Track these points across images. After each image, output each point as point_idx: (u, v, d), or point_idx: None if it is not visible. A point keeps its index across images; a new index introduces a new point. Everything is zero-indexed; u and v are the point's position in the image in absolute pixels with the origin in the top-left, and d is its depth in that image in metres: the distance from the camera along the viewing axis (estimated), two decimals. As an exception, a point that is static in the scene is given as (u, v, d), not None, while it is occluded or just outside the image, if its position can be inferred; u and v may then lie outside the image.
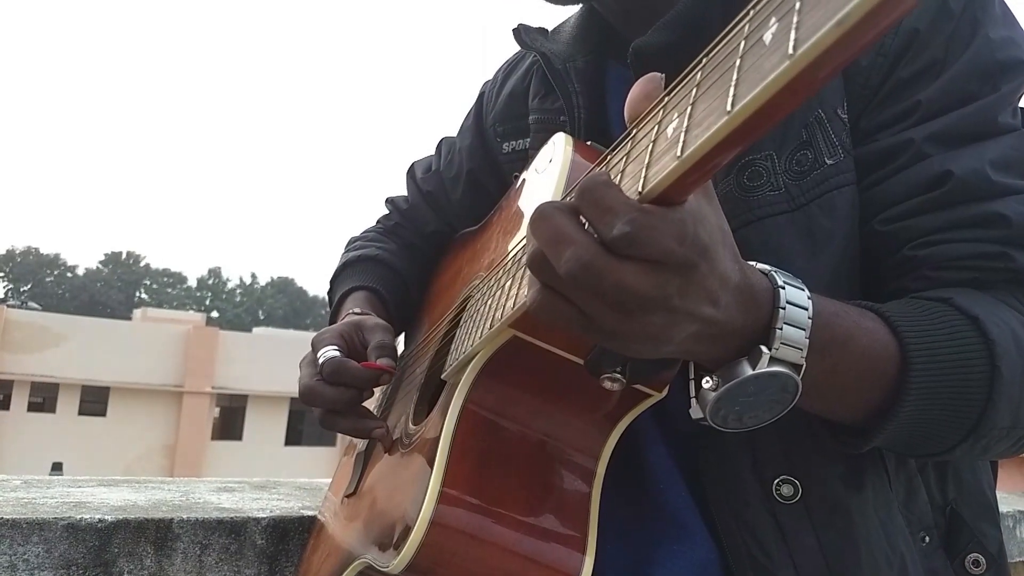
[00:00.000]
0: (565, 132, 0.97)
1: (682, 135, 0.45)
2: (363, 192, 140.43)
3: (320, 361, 0.95)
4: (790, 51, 0.37)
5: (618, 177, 0.54)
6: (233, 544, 1.20)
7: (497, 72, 1.24)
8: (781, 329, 0.57)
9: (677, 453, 0.84)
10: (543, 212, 0.53)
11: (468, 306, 0.85)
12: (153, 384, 24.18)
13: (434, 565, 0.69)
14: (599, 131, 0.95)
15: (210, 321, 42.56)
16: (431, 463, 0.73)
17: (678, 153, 0.45)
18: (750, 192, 0.81)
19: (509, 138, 1.13)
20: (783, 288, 0.59)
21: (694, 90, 0.46)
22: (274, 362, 25.58)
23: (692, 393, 0.61)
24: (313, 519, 1.25)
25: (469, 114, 1.27)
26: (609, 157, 0.59)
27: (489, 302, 0.74)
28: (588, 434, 0.76)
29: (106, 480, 1.44)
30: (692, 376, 0.62)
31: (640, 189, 0.49)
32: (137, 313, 35.05)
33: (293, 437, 26.95)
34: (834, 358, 0.64)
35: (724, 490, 0.80)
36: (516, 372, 0.74)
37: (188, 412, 24.37)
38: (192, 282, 75.30)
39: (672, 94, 0.50)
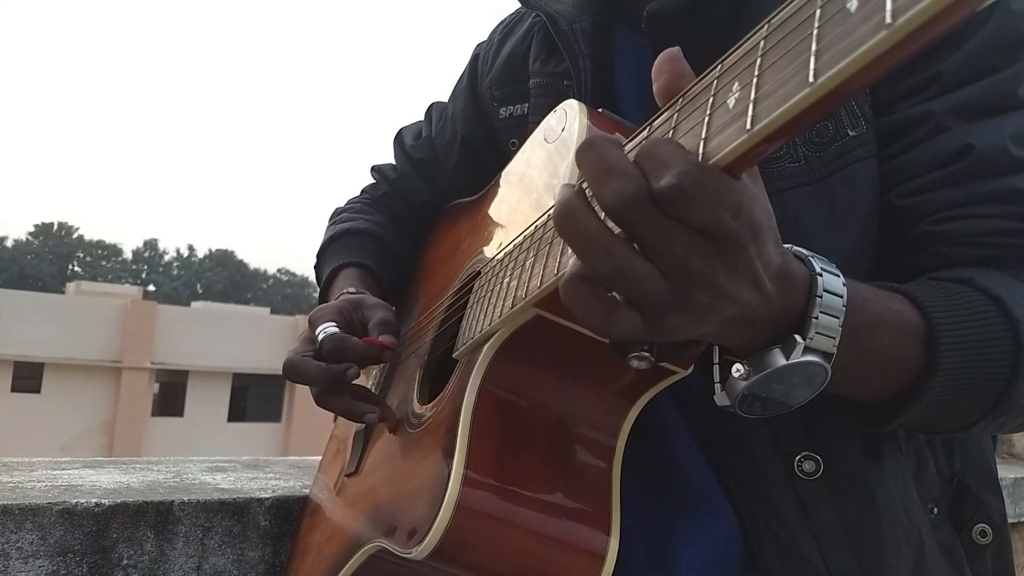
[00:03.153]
0: (571, 97, 0.94)
1: (749, 106, 0.43)
2: (308, 161, 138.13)
3: (320, 337, 0.91)
4: (888, 20, 0.35)
5: None
6: (236, 526, 1.15)
7: (493, 33, 1.19)
8: (817, 318, 0.56)
9: (695, 428, 0.83)
10: (591, 142, 0.50)
11: (479, 283, 0.82)
12: (90, 360, 23.53)
13: (459, 550, 0.67)
14: (606, 96, 0.92)
15: (147, 295, 41.45)
16: (450, 445, 0.70)
17: (747, 126, 0.42)
18: (769, 164, 0.78)
19: (507, 103, 1.09)
20: (820, 275, 0.57)
21: (758, 59, 0.44)
22: (215, 337, 25.16)
23: (716, 379, 0.59)
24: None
25: (462, 77, 1.22)
26: (646, 130, 0.56)
27: (507, 279, 0.72)
28: (607, 411, 0.74)
29: (90, 461, 1.37)
30: (717, 360, 0.60)
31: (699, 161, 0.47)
32: (71, 287, 33.94)
33: (236, 413, 26.56)
34: (864, 343, 0.63)
35: (744, 467, 0.80)
36: (535, 351, 0.73)
37: (127, 388, 23.80)
38: (128, 254, 73.41)
39: (726, 64, 0.47)
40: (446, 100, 1.25)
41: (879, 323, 0.64)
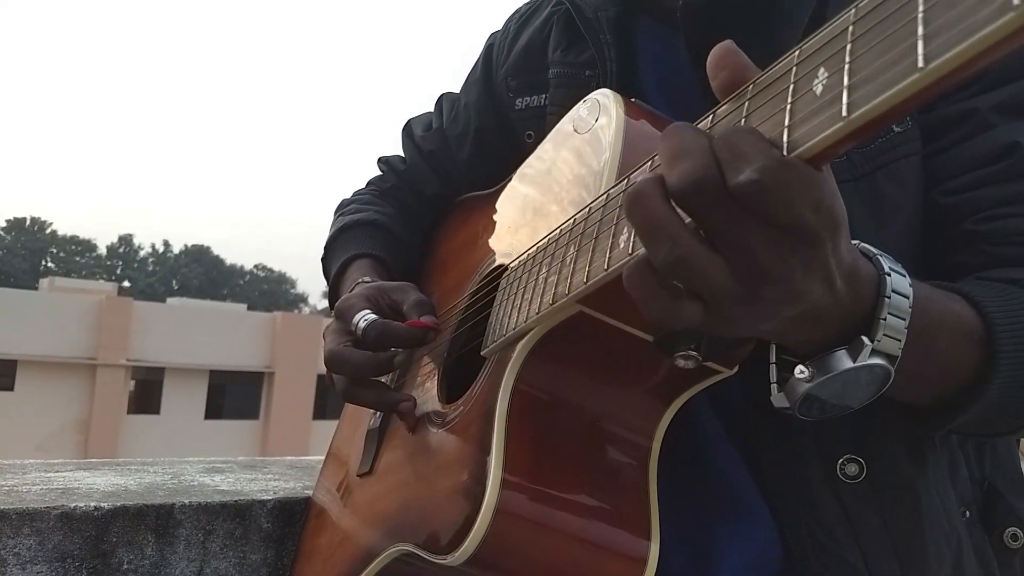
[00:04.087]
0: (592, 87, 0.92)
1: (844, 93, 0.41)
2: (284, 156, 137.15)
3: (360, 325, 0.88)
4: (1016, 1, 0.33)
5: None
6: (238, 529, 1.13)
7: (508, 22, 1.17)
8: (885, 319, 0.54)
9: (732, 430, 0.82)
10: (676, 127, 0.49)
11: (506, 278, 0.80)
12: (64, 357, 23.19)
13: (497, 555, 0.65)
14: (631, 86, 0.90)
15: (122, 291, 40.99)
16: (483, 446, 0.69)
17: (843, 112, 0.41)
18: None
19: (523, 93, 1.06)
20: (889, 275, 0.55)
21: (848, 45, 0.42)
22: (192, 334, 24.91)
23: (774, 379, 0.57)
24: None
25: (476, 67, 1.19)
26: (708, 119, 0.54)
27: (542, 274, 0.69)
28: (643, 412, 0.73)
29: (84, 463, 1.34)
30: (774, 360, 0.58)
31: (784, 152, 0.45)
32: (44, 283, 33.49)
33: (214, 411, 26.30)
34: (925, 345, 0.61)
35: (785, 469, 0.78)
36: (572, 348, 0.71)
37: (102, 386, 23.49)
38: (102, 250, 72.59)
39: (805, 50, 0.46)
40: (457, 91, 1.22)
41: (940, 324, 0.63)
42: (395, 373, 1.04)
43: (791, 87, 0.45)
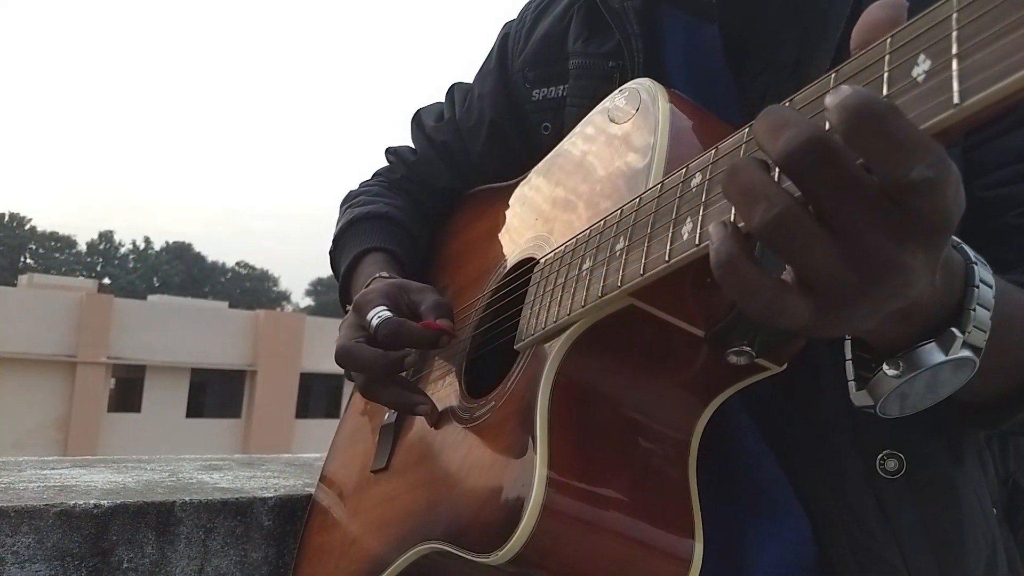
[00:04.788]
0: (615, 78, 0.91)
1: (953, 80, 0.40)
2: (267, 152, 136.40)
3: (374, 323, 0.87)
4: None
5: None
6: (239, 527, 1.12)
7: (524, 12, 1.15)
8: (975, 311, 0.52)
9: (764, 426, 0.81)
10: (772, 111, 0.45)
11: (541, 271, 0.78)
12: (44, 354, 22.93)
13: (543, 555, 0.64)
14: (657, 77, 0.89)
15: (102, 288, 40.67)
16: (523, 442, 0.67)
17: (955, 100, 0.40)
18: None
19: (540, 84, 1.05)
20: (976, 264, 0.54)
21: (953, 32, 0.41)
22: (173, 331, 24.71)
23: (851, 376, 0.56)
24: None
25: (490, 57, 1.17)
26: (798, 99, 0.51)
27: (586, 267, 0.68)
28: (684, 408, 0.72)
29: (79, 460, 1.32)
30: (850, 356, 0.56)
31: None
32: (23, 279, 33.10)
33: (195, 409, 26.12)
34: (999, 338, 0.59)
35: (820, 466, 0.77)
36: (616, 343, 0.69)
37: (82, 383, 23.26)
38: (82, 247, 71.76)
39: (899, 38, 0.44)
40: (470, 81, 1.21)
41: (1012, 318, 0.62)
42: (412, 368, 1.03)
43: (885, 75, 0.44)
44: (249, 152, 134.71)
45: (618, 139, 0.78)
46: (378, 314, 0.87)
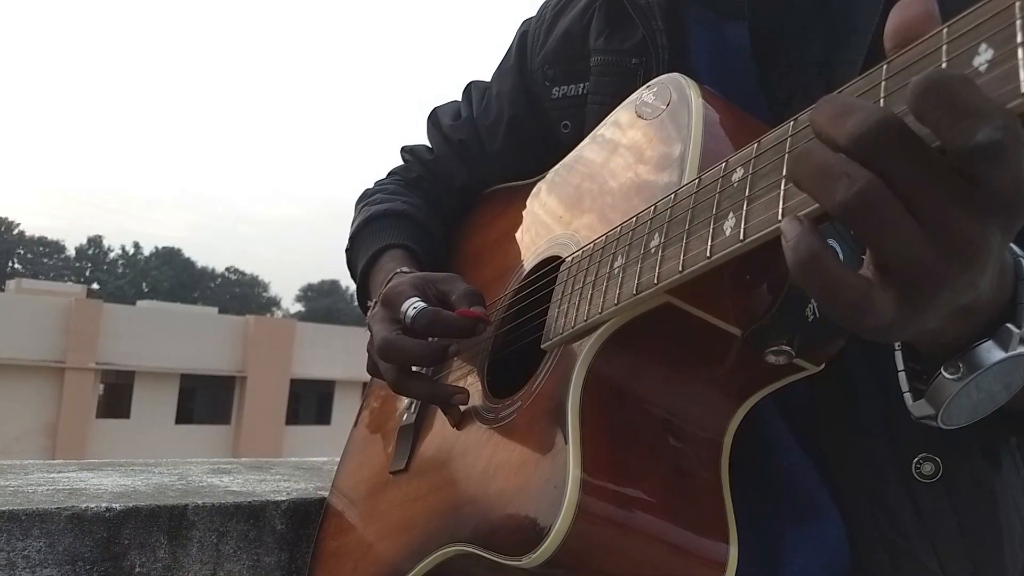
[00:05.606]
0: (639, 75, 0.90)
1: (1019, 68, 0.39)
2: (256, 158, 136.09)
3: (410, 313, 0.85)
4: None
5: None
6: (252, 531, 1.10)
7: (543, 9, 1.14)
8: None
9: (798, 428, 0.80)
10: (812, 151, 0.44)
11: (569, 269, 0.77)
12: (32, 360, 22.76)
13: (576, 559, 0.62)
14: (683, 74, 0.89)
15: (91, 293, 40.34)
16: (554, 443, 0.66)
17: (1021, 89, 0.39)
18: None
19: (561, 82, 1.04)
20: (1022, 258, 0.52)
21: (1018, 20, 0.40)
22: (162, 337, 24.60)
23: (906, 388, 0.54)
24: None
25: (509, 55, 1.16)
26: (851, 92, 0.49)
27: (621, 264, 0.67)
28: (716, 409, 0.71)
29: (85, 464, 1.30)
30: (902, 368, 0.55)
31: None
32: (11, 284, 32.90)
33: (184, 415, 25.98)
34: None
35: (857, 469, 0.76)
36: (650, 341, 0.68)
37: (70, 389, 23.10)
38: (71, 251, 71.47)
39: (956, 28, 0.43)
40: (487, 80, 1.20)
41: None
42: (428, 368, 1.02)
43: (944, 65, 0.43)
44: (239, 157, 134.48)
45: (648, 135, 0.77)
46: (413, 305, 0.86)
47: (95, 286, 62.68)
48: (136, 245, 73.28)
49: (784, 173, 0.49)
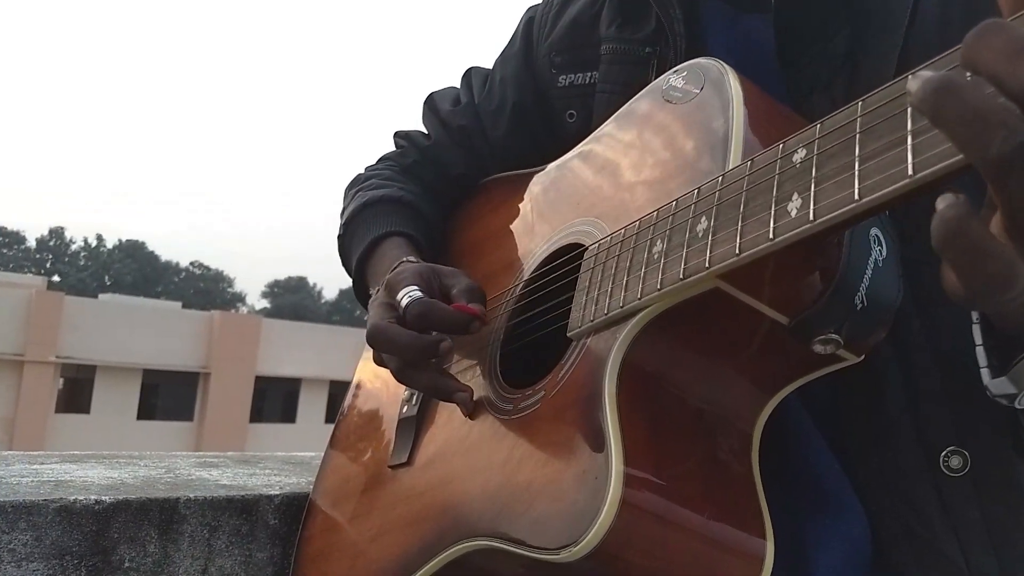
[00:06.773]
0: (652, 64, 0.89)
1: None
2: (223, 149, 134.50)
3: (404, 302, 0.83)
4: None
5: None
6: (244, 525, 1.07)
7: None
8: None
9: (823, 421, 0.80)
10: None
11: (596, 256, 0.75)
12: (-11, 352, 22.36)
13: (617, 552, 0.60)
14: None
15: (51, 285, 39.62)
16: (590, 433, 0.64)
17: None
18: None
19: (568, 70, 1.02)
20: None
21: None
22: (125, 331, 24.24)
23: (983, 363, 0.53)
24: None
25: (514, 40, 1.14)
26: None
27: (660, 249, 0.65)
28: (749, 399, 0.70)
29: (68, 455, 1.26)
30: (981, 342, 0.54)
31: None
32: (-31, 276, 32.24)
33: (146, 411, 25.60)
34: None
35: (883, 463, 0.76)
36: (689, 329, 0.66)
37: (29, 383, 22.67)
38: (31, 243, 69.98)
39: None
40: (488, 66, 1.18)
41: None
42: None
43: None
44: (205, 151, 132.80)
45: (681, 119, 0.75)
46: (408, 293, 0.84)
47: (56, 278, 61.42)
48: (99, 237, 72.03)
49: (857, 153, 0.48)
